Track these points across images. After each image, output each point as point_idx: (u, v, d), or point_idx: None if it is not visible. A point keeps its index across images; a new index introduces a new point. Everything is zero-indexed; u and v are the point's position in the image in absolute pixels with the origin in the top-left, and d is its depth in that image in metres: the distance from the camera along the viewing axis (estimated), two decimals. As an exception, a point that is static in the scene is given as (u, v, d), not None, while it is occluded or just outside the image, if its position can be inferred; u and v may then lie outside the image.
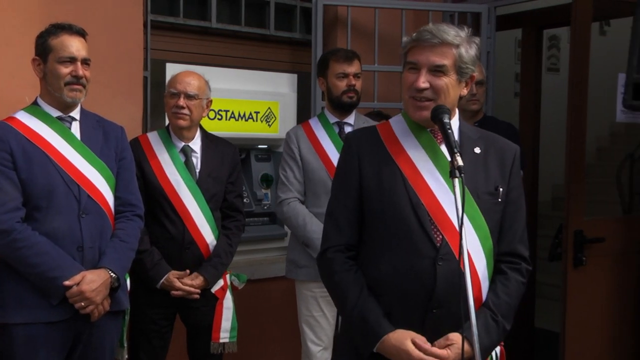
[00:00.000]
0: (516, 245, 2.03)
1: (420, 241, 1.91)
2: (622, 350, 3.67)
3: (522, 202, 2.07)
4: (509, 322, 1.96)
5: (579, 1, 3.34)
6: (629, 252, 3.65)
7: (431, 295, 1.90)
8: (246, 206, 3.87)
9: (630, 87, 2.71)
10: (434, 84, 1.91)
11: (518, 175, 2.07)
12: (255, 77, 4.04)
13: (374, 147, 2.02)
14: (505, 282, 1.99)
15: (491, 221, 1.97)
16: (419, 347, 1.86)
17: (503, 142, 2.09)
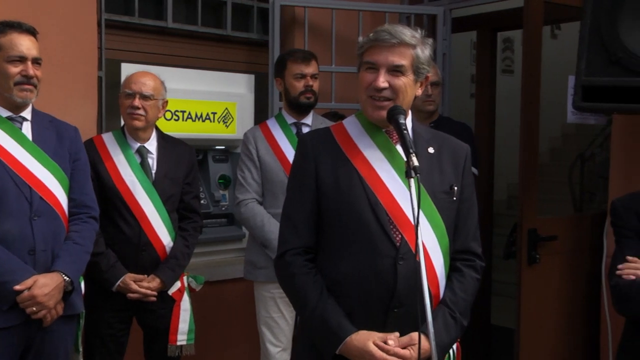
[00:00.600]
0: (470, 243, 2.07)
1: (380, 241, 1.92)
2: (574, 345, 3.76)
3: (474, 200, 2.11)
4: (466, 318, 2.00)
5: (530, 5, 3.41)
6: (580, 250, 3.74)
7: (392, 295, 1.91)
8: (204, 207, 3.84)
9: (579, 89, 2.78)
10: (392, 84, 1.93)
11: (470, 174, 2.10)
12: (212, 77, 4.01)
13: (329, 148, 2.02)
14: (461, 279, 2.02)
15: (447, 219, 2.00)
16: (381, 348, 1.87)
17: (454, 142, 2.13)
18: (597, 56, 2.73)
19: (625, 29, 2.67)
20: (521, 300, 3.50)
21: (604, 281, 3.52)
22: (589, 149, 6.31)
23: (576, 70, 2.80)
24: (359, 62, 2.01)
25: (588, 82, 2.76)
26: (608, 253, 3.50)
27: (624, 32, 2.67)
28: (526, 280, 3.50)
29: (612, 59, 2.69)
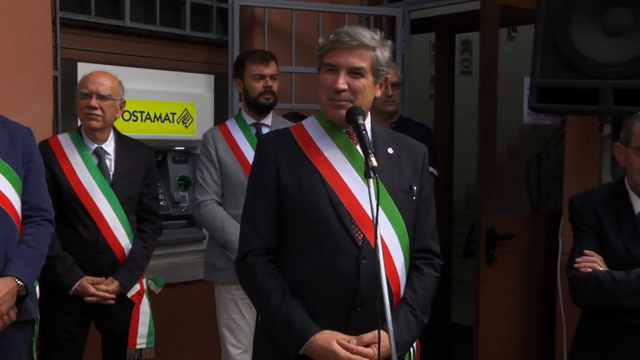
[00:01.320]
0: (429, 242, 2.10)
1: (342, 240, 1.93)
2: (530, 340, 3.84)
3: (432, 200, 2.14)
4: (426, 316, 2.02)
5: (486, 8, 3.47)
6: (536, 248, 3.82)
7: (355, 294, 1.92)
8: (163, 209, 3.80)
9: (534, 90, 2.84)
10: (352, 86, 1.95)
11: (428, 175, 2.14)
12: (171, 77, 3.97)
13: (290, 148, 2.03)
14: (421, 278, 2.05)
15: (407, 219, 2.02)
16: (345, 347, 1.88)
17: (413, 143, 2.15)
18: (550, 58, 2.80)
19: (576, 32, 2.74)
20: (480, 298, 3.56)
21: (559, 278, 3.60)
22: (545, 149, 6.44)
23: (531, 72, 2.86)
24: (319, 63, 2.01)
25: (542, 84, 2.83)
26: (563, 250, 3.58)
27: (575, 35, 2.74)
28: (484, 278, 3.56)
29: (565, 61, 2.76)
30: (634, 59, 2.68)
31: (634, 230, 2.37)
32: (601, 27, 2.72)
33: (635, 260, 2.33)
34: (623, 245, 2.36)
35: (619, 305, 2.29)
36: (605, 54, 2.72)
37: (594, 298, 2.34)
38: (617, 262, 2.36)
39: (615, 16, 2.70)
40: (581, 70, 2.74)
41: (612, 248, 2.39)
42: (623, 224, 2.39)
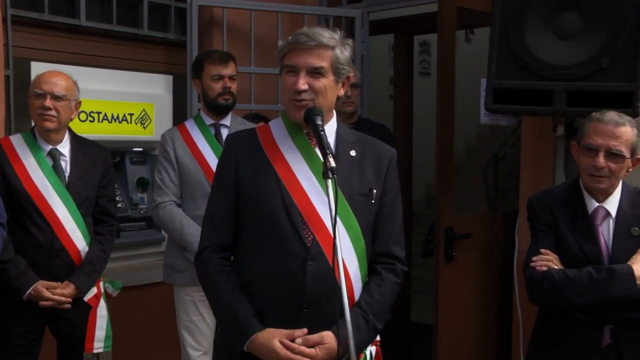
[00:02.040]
0: (391, 247, 2.08)
1: (291, 241, 1.94)
2: (488, 337, 3.90)
3: (398, 204, 2.11)
4: (381, 321, 2.00)
5: (444, 10, 3.51)
6: (493, 246, 3.88)
7: (302, 295, 1.92)
8: (122, 211, 3.76)
9: (490, 91, 2.89)
10: (312, 86, 1.95)
11: (394, 179, 2.11)
12: (128, 77, 3.92)
13: (252, 149, 2.04)
14: (379, 282, 2.03)
15: (363, 222, 2.01)
16: (286, 346, 1.88)
17: (380, 146, 2.14)
18: (506, 60, 2.85)
19: (530, 35, 2.79)
20: (439, 297, 3.60)
21: (515, 276, 3.66)
22: (502, 149, 6.55)
23: (487, 74, 2.91)
24: (280, 66, 2.02)
25: (498, 85, 2.88)
26: (520, 249, 3.64)
27: (529, 38, 2.80)
28: (443, 277, 3.60)
29: (520, 63, 2.82)
30: (585, 62, 2.74)
31: (588, 230, 2.41)
32: (554, 30, 2.78)
33: (589, 259, 2.38)
34: (577, 244, 2.41)
35: (572, 302, 2.34)
36: (558, 56, 2.78)
37: (548, 296, 2.39)
38: (572, 260, 2.41)
39: (567, 20, 2.76)
40: (535, 72, 2.80)
41: (567, 247, 2.43)
42: (578, 223, 2.44)
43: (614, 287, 2.28)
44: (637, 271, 2.30)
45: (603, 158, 2.34)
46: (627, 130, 2.35)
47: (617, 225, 2.40)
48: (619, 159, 2.33)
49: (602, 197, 2.43)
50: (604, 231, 2.41)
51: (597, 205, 2.43)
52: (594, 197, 2.44)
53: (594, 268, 2.33)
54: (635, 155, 2.38)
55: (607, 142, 2.34)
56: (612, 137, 2.33)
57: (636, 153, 2.38)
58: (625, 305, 2.30)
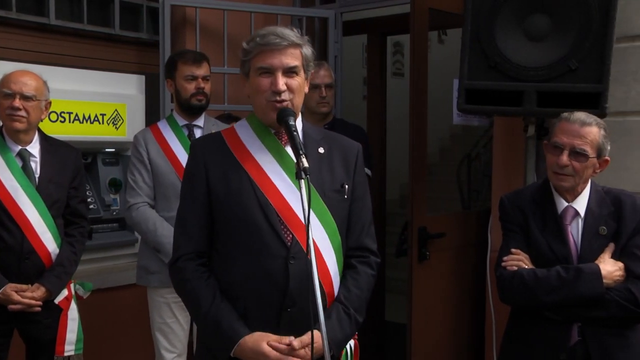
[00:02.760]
0: (364, 240, 2.10)
1: (271, 241, 1.94)
2: (462, 336, 3.93)
3: (367, 197, 2.14)
4: (361, 314, 2.03)
5: (416, 11, 3.54)
6: (466, 245, 3.91)
7: (285, 294, 1.93)
8: (94, 212, 3.73)
9: (462, 92, 2.91)
10: (289, 85, 1.97)
11: (362, 172, 2.13)
12: (100, 77, 3.89)
13: (220, 152, 2.03)
14: (355, 276, 2.05)
15: (338, 218, 2.03)
16: (275, 349, 1.88)
17: (345, 141, 2.16)
18: (477, 61, 2.87)
19: (501, 36, 2.82)
20: (412, 296, 3.62)
21: (488, 275, 3.70)
22: (475, 149, 6.62)
23: (459, 74, 2.93)
24: (246, 67, 2.01)
25: (470, 86, 2.90)
26: (492, 248, 3.67)
27: (500, 39, 2.83)
28: (417, 276, 3.62)
29: (491, 64, 2.84)
30: (554, 63, 2.78)
31: (557, 229, 2.44)
32: (524, 32, 2.82)
33: (558, 258, 2.41)
34: (547, 243, 2.44)
35: (541, 301, 2.37)
36: (528, 57, 2.81)
37: (518, 295, 2.42)
38: (542, 260, 2.43)
39: (536, 22, 2.80)
40: (506, 73, 2.83)
41: (537, 246, 2.46)
42: (548, 222, 2.46)
43: (581, 286, 2.31)
44: (603, 270, 2.33)
45: (567, 156, 2.37)
46: (593, 130, 2.37)
47: (585, 225, 2.43)
48: (583, 158, 2.36)
49: (571, 197, 2.45)
50: (573, 231, 2.44)
51: (567, 205, 2.45)
52: (563, 197, 2.46)
53: (562, 267, 2.36)
54: (601, 156, 2.40)
55: (571, 141, 2.37)
56: (577, 136, 2.37)
57: (603, 154, 2.40)
58: (592, 303, 2.33)
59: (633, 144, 3.29)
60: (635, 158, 3.29)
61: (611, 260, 2.37)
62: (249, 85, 2.03)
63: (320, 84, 3.61)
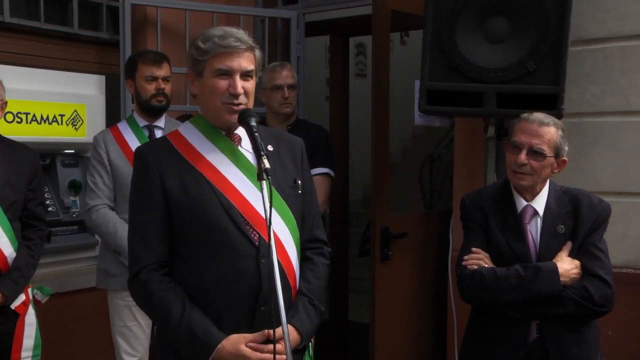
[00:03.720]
0: (315, 231, 2.17)
1: (239, 242, 1.93)
2: (424, 335, 3.97)
3: (314, 190, 2.21)
4: (322, 303, 2.09)
5: (378, 13, 3.56)
6: (428, 245, 3.95)
7: (258, 294, 1.93)
8: (53, 215, 3.66)
9: (423, 93, 2.94)
10: (245, 88, 1.97)
11: (307, 166, 2.19)
12: (58, 77, 3.82)
13: (171, 157, 2.00)
14: (312, 267, 2.11)
15: (296, 213, 2.07)
16: (254, 349, 1.89)
17: (289, 137, 2.21)
18: (438, 62, 2.91)
19: (461, 38, 2.86)
20: (375, 296, 3.64)
21: (450, 274, 3.74)
22: (437, 150, 6.68)
23: (420, 76, 2.96)
24: (201, 67, 1.98)
25: (431, 87, 2.93)
26: (454, 247, 3.72)
27: (460, 41, 2.86)
28: (379, 276, 3.64)
29: (452, 65, 2.88)
30: (513, 65, 2.83)
31: (517, 228, 2.47)
32: (483, 34, 2.87)
33: (517, 257, 2.44)
34: (507, 242, 2.47)
35: (500, 300, 2.40)
36: (488, 59, 2.86)
37: (478, 294, 2.45)
38: (502, 258, 2.47)
39: (495, 25, 2.85)
40: (466, 75, 2.87)
41: (497, 245, 2.49)
42: (507, 222, 2.49)
43: (539, 285, 2.35)
44: (561, 268, 2.38)
45: (525, 155, 2.42)
46: (551, 130, 2.42)
47: (544, 224, 2.46)
48: (540, 157, 2.40)
49: (529, 197, 2.49)
50: (532, 229, 2.48)
51: (526, 204, 2.49)
52: (523, 197, 2.49)
53: (521, 266, 2.40)
54: (559, 156, 2.44)
55: (529, 140, 2.42)
56: (535, 136, 2.41)
57: (561, 154, 2.45)
58: (550, 301, 2.37)
59: (588, 144, 3.37)
60: (590, 158, 3.37)
61: (568, 258, 2.42)
62: (200, 85, 2.00)
63: (282, 84, 3.60)
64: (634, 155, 3.29)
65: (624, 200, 3.27)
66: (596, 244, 2.44)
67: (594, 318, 2.45)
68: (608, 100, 3.33)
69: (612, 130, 3.33)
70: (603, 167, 3.35)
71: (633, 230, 3.30)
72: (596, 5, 3.33)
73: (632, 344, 3.28)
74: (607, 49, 3.31)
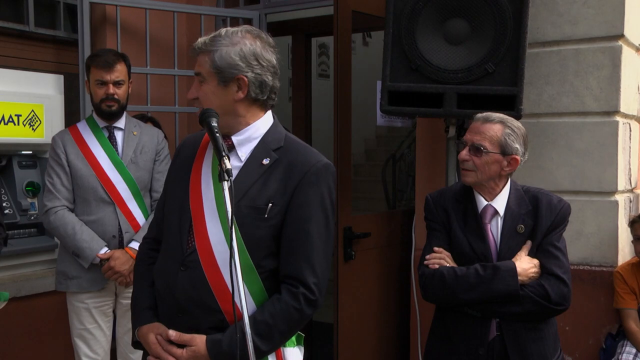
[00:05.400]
0: (299, 271, 1.85)
1: (174, 246, 1.92)
2: (388, 333, 4.00)
3: (310, 227, 1.86)
4: (265, 342, 1.82)
5: (339, 14, 3.57)
6: (391, 244, 3.98)
7: (175, 300, 1.89)
8: (9, 217, 3.58)
9: (385, 93, 2.97)
10: (198, 93, 1.92)
11: (306, 197, 1.86)
12: (14, 76, 3.73)
13: (189, 152, 2.04)
14: (274, 303, 1.85)
15: (252, 235, 1.84)
16: (160, 342, 1.89)
17: (301, 159, 1.91)
18: (399, 63, 2.94)
19: (422, 39, 2.90)
20: (339, 296, 3.65)
21: (413, 273, 3.77)
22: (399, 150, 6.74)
23: (382, 76, 2.98)
24: None
25: (392, 88, 2.96)
26: (417, 246, 3.75)
27: (421, 42, 2.90)
28: (343, 276, 3.66)
29: (412, 66, 2.91)
30: (472, 66, 2.88)
31: (478, 228, 2.50)
32: (443, 36, 2.90)
33: (478, 256, 2.47)
34: (468, 242, 2.49)
35: (460, 299, 2.43)
36: (448, 60, 2.90)
37: (439, 293, 2.48)
38: (463, 258, 2.50)
39: (455, 26, 2.89)
40: (427, 75, 2.91)
41: (459, 244, 2.51)
42: (468, 221, 2.52)
43: (497, 284, 2.38)
44: (519, 268, 2.41)
45: (467, 151, 2.46)
46: (494, 127, 2.43)
47: (504, 223, 2.49)
48: (479, 153, 2.43)
49: (490, 196, 2.51)
50: (493, 229, 2.50)
51: (486, 204, 2.51)
52: (483, 196, 2.52)
53: (480, 265, 2.43)
54: (507, 153, 2.44)
55: (471, 137, 2.46)
56: (477, 133, 2.45)
57: (508, 152, 2.43)
58: (508, 300, 2.40)
59: (545, 144, 3.44)
60: (548, 158, 3.44)
61: (527, 257, 2.45)
62: None
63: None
64: (588, 155, 3.37)
65: (579, 198, 3.35)
66: (554, 243, 2.47)
67: (551, 316, 2.50)
68: (564, 101, 3.40)
69: (567, 130, 3.41)
70: (560, 167, 3.42)
71: (588, 228, 3.38)
72: (551, 8, 3.40)
73: (588, 338, 3.37)
74: (562, 51, 3.39)
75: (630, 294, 3.25)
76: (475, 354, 2.45)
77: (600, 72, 3.32)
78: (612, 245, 3.37)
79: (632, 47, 3.47)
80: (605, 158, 3.34)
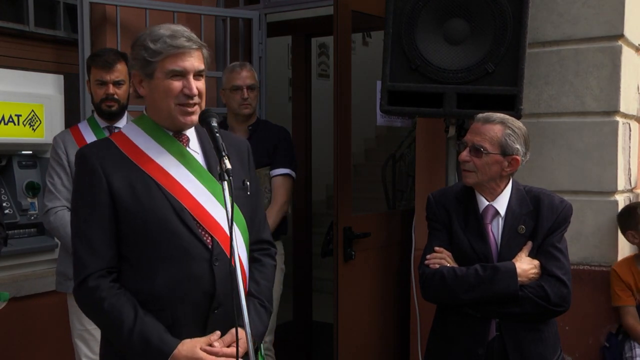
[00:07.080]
0: (262, 233, 2.17)
1: (192, 246, 1.91)
2: (388, 333, 3.99)
3: (260, 190, 2.23)
4: (271, 304, 2.11)
5: (339, 14, 3.57)
6: (391, 244, 3.98)
7: (212, 297, 1.92)
8: (10, 217, 3.59)
9: (385, 93, 2.97)
10: (199, 89, 1.95)
11: (254, 168, 2.19)
12: (14, 76, 3.74)
13: (117, 159, 1.93)
14: (261, 269, 2.12)
15: (246, 214, 2.07)
16: (209, 352, 1.87)
17: (235, 139, 2.18)
18: (399, 63, 2.94)
19: (421, 39, 2.90)
20: (339, 296, 3.65)
21: (413, 273, 3.77)
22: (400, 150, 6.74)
23: (382, 76, 2.98)
24: (151, 68, 1.92)
25: (392, 87, 2.96)
26: (416, 246, 3.75)
27: (420, 42, 2.90)
28: (343, 276, 3.65)
29: (412, 66, 2.91)
30: (472, 66, 2.88)
31: (478, 228, 2.50)
32: (443, 35, 2.90)
33: (478, 257, 2.47)
34: (468, 242, 2.49)
35: (459, 299, 2.44)
36: (448, 60, 2.90)
37: (439, 293, 2.48)
38: (464, 258, 2.49)
39: (455, 26, 2.89)
40: (427, 75, 2.91)
41: (459, 245, 2.51)
42: (469, 221, 2.52)
43: (497, 284, 2.39)
44: (519, 268, 2.41)
45: (467, 152, 2.46)
46: (494, 127, 2.43)
47: (505, 224, 2.48)
48: (479, 154, 2.43)
49: (491, 197, 2.51)
50: (494, 229, 2.50)
51: (487, 204, 2.51)
52: (484, 197, 2.51)
53: (480, 266, 2.43)
54: (508, 154, 2.44)
55: (472, 138, 2.46)
56: (477, 133, 2.45)
57: (508, 152, 2.44)
58: (507, 300, 2.40)
59: (545, 144, 3.44)
60: (548, 158, 3.44)
61: (527, 258, 2.45)
62: (149, 86, 1.94)
63: (241, 85, 3.59)
64: (588, 155, 3.37)
65: (579, 198, 3.35)
66: (555, 244, 2.47)
67: (551, 317, 2.50)
68: (563, 101, 3.40)
69: (567, 130, 3.41)
70: (559, 167, 3.42)
71: (588, 228, 3.38)
72: (551, 8, 3.40)
73: (588, 338, 3.37)
74: (561, 51, 3.39)
75: (627, 291, 3.24)
76: (475, 354, 2.45)
77: (600, 72, 3.32)
78: (612, 245, 3.37)
79: (632, 47, 3.47)
80: (605, 158, 3.34)
